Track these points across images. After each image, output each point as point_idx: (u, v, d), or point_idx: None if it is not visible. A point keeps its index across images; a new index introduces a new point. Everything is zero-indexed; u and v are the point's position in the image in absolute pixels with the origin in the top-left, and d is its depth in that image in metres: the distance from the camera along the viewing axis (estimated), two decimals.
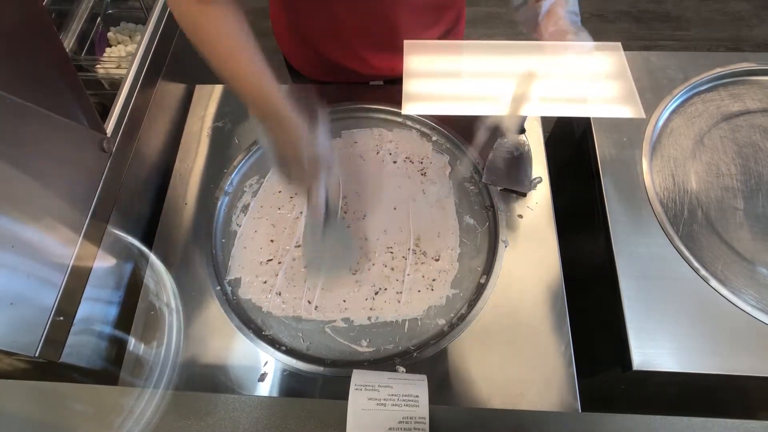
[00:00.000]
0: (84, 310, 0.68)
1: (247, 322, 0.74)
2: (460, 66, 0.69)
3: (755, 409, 0.85)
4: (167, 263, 0.79)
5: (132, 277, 0.80)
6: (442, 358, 0.71)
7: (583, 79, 0.66)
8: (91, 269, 0.71)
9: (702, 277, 0.75)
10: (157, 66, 0.91)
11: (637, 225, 0.79)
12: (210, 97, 0.98)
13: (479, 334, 0.72)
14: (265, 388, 0.70)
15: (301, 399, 0.53)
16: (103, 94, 0.93)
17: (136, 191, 0.84)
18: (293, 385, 0.70)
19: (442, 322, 0.75)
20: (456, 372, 0.70)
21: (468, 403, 0.68)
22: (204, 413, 0.51)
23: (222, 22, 0.60)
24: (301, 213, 0.83)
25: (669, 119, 0.91)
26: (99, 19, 1.01)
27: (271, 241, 0.82)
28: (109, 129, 0.76)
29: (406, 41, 0.68)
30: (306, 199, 0.69)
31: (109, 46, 1.02)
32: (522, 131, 0.81)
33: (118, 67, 0.93)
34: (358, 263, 0.79)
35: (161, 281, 0.77)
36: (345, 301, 0.76)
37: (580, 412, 0.67)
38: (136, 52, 0.87)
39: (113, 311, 0.76)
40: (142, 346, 0.73)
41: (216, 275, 0.78)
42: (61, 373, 0.67)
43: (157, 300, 0.76)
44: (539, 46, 0.65)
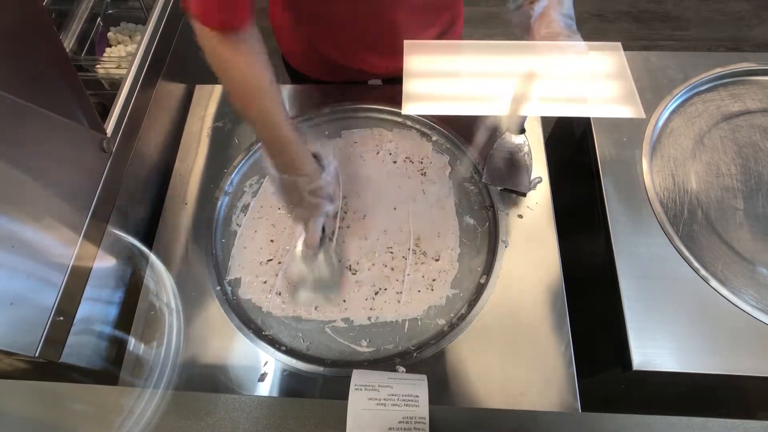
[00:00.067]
0: (84, 310, 0.68)
1: (247, 322, 0.74)
2: (460, 66, 0.69)
3: (755, 409, 0.85)
4: (167, 263, 0.79)
5: (132, 277, 0.80)
6: (442, 358, 0.71)
7: (583, 79, 0.66)
8: (91, 269, 0.71)
9: (702, 277, 0.75)
10: (157, 66, 0.91)
11: (637, 225, 0.79)
12: (210, 97, 0.98)
13: (479, 334, 0.72)
14: (265, 388, 0.70)
15: (301, 399, 0.53)
16: (103, 94, 0.93)
17: (136, 191, 0.84)
18: (293, 385, 0.70)
19: (442, 322, 0.75)
20: (456, 372, 0.70)
21: (468, 403, 0.68)
22: (204, 413, 0.51)
23: (251, 60, 0.63)
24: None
25: (669, 119, 0.91)
26: (99, 19, 1.01)
27: (271, 241, 0.82)
28: (109, 129, 0.76)
29: (406, 41, 0.68)
30: (301, 229, 0.72)
31: (109, 46, 1.02)
32: (522, 131, 0.81)
33: (118, 67, 0.93)
34: (359, 263, 0.79)
35: (161, 281, 0.77)
36: (345, 301, 0.76)
37: (580, 412, 0.67)
38: (136, 52, 0.87)
39: (113, 311, 0.77)
40: (142, 346, 0.73)
41: (216, 275, 0.78)
42: (61, 373, 0.67)
43: (157, 300, 0.76)
44: (539, 46, 0.65)
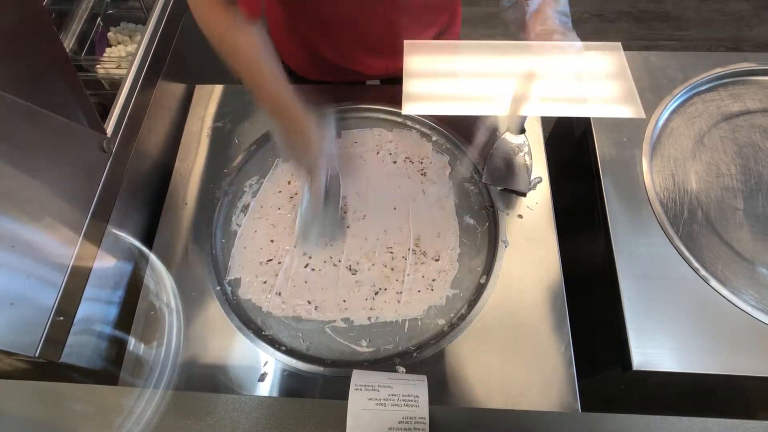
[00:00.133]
0: (84, 310, 0.68)
1: (247, 322, 0.74)
2: (459, 66, 0.69)
3: (755, 409, 0.84)
4: (167, 263, 0.79)
5: (132, 277, 0.80)
6: (442, 358, 0.71)
7: (583, 79, 0.66)
8: (91, 269, 0.71)
9: (702, 277, 0.75)
10: (157, 66, 0.91)
11: (637, 225, 0.79)
12: (210, 97, 0.98)
13: (479, 334, 0.72)
14: (265, 388, 0.70)
15: (300, 399, 0.53)
16: (103, 94, 0.93)
17: (136, 191, 0.84)
18: (293, 385, 0.70)
19: (442, 322, 0.75)
20: (456, 372, 0.70)
21: (468, 403, 0.68)
22: (204, 413, 0.51)
23: (257, 47, 0.68)
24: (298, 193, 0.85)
25: (669, 119, 0.91)
26: (99, 19, 1.01)
27: (271, 241, 0.82)
28: (109, 129, 0.76)
29: (407, 41, 0.68)
30: (307, 181, 0.75)
31: (109, 46, 1.02)
32: (522, 131, 0.81)
33: (118, 67, 0.93)
34: (359, 263, 0.79)
35: (161, 281, 0.77)
36: (345, 301, 0.76)
37: (580, 412, 0.67)
38: (136, 52, 0.87)
39: (113, 311, 0.76)
40: (142, 346, 0.73)
41: (216, 275, 0.78)
42: (61, 373, 0.67)
43: (157, 300, 0.76)
44: (539, 47, 0.65)
